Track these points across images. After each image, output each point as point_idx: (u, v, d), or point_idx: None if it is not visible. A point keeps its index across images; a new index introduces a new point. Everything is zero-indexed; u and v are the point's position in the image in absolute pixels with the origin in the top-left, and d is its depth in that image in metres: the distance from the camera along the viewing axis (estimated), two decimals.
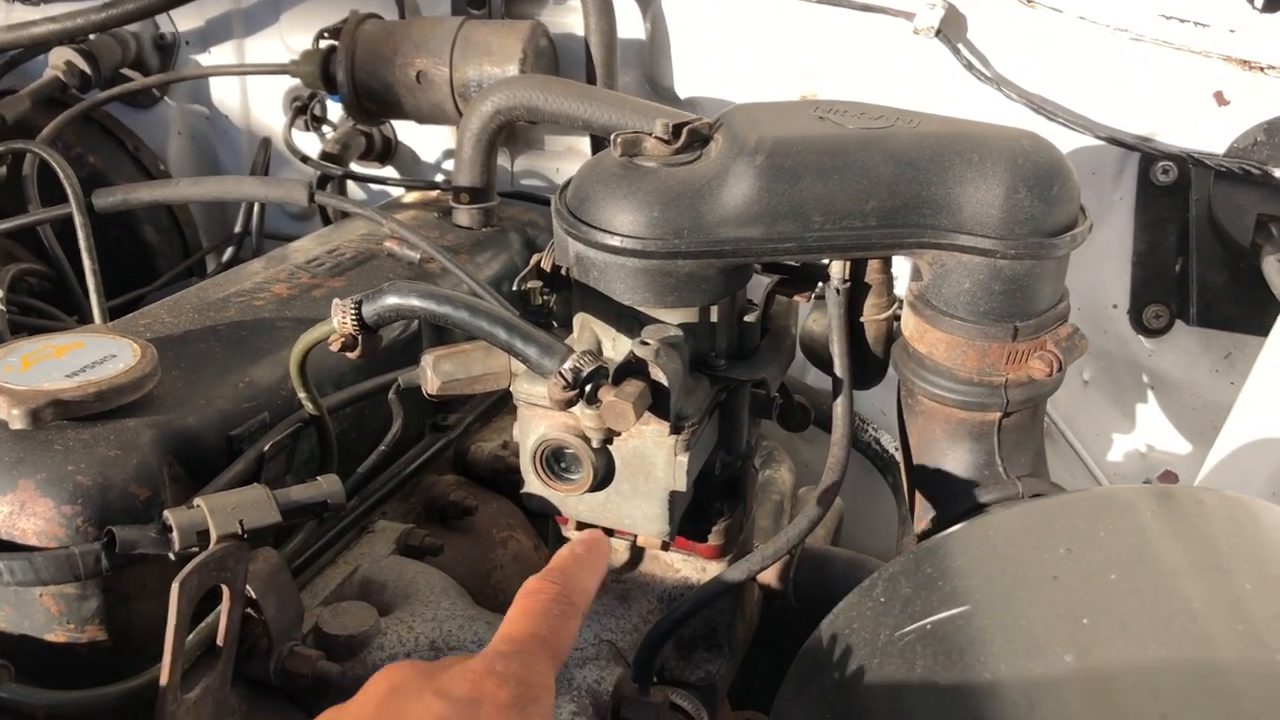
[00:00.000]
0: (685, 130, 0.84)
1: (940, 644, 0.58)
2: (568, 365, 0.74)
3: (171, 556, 0.73)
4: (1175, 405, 1.30)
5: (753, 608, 1.02)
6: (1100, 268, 1.26)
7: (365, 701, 0.58)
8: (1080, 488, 0.89)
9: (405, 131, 1.59)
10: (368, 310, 0.77)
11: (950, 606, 0.59)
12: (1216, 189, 1.14)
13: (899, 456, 1.35)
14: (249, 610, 0.80)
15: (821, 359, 0.99)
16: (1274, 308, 1.07)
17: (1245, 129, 1.14)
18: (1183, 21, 1.14)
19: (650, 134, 0.84)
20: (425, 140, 1.59)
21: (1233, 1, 1.11)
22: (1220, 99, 1.17)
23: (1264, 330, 1.18)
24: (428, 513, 1.07)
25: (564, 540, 0.91)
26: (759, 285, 0.93)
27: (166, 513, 0.73)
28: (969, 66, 1.23)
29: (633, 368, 0.77)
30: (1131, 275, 1.26)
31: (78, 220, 1.08)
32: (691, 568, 0.94)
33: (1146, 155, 1.21)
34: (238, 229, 1.51)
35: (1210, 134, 1.18)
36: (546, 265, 0.89)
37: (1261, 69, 1.13)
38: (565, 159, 1.51)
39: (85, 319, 1.19)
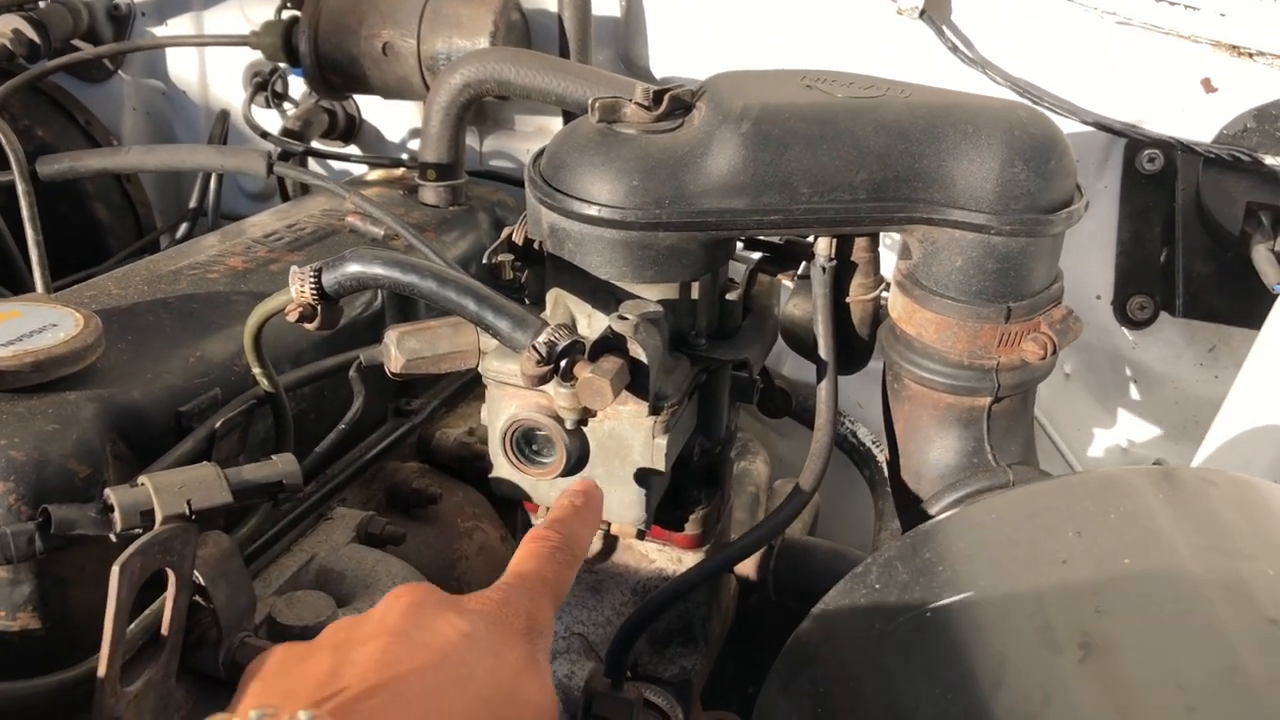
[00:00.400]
0: (667, 96, 0.80)
1: (941, 633, 0.54)
2: (541, 339, 0.69)
3: (113, 538, 0.68)
4: (1158, 399, 1.27)
5: (729, 600, 0.98)
6: (1084, 258, 1.24)
7: (387, 612, 0.57)
8: None
9: (370, 110, 1.54)
10: (328, 279, 0.72)
11: (951, 593, 0.56)
12: (1205, 176, 1.12)
13: (876, 450, 1.32)
14: (197, 598, 0.75)
15: (803, 343, 0.96)
16: (1262, 298, 1.05)
17: (1234, 115, 1.12)
18: (1173, 4, 1.11)
19: (630, 100, 0.80)
20: (390, 119, 1.53)
21: None
22: (1208, 85, 1.15)
23: (1251, 322, 1.16)
24: (389, 500, 1.02)
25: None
26: (738, 267, 0.90)
27: (108, 491, 0.68)
28: (953, 48, 1.20)
29: (610, 343, 0.73)
30: (1115, 265, 1.23)
31: (20, 188, 1.02)
32: (667, 558, 0.90)
33: (1132, 142, 1.18)
34: (192, 205, 1.45)
35: (1198, 121, 1.15)
36: (519, 238, 0.85)
37: (1251, 55, 1.11)
38: (536, 139, 1.46)
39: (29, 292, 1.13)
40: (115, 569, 0.63)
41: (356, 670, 0.52)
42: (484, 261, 0.84)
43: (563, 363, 0.70)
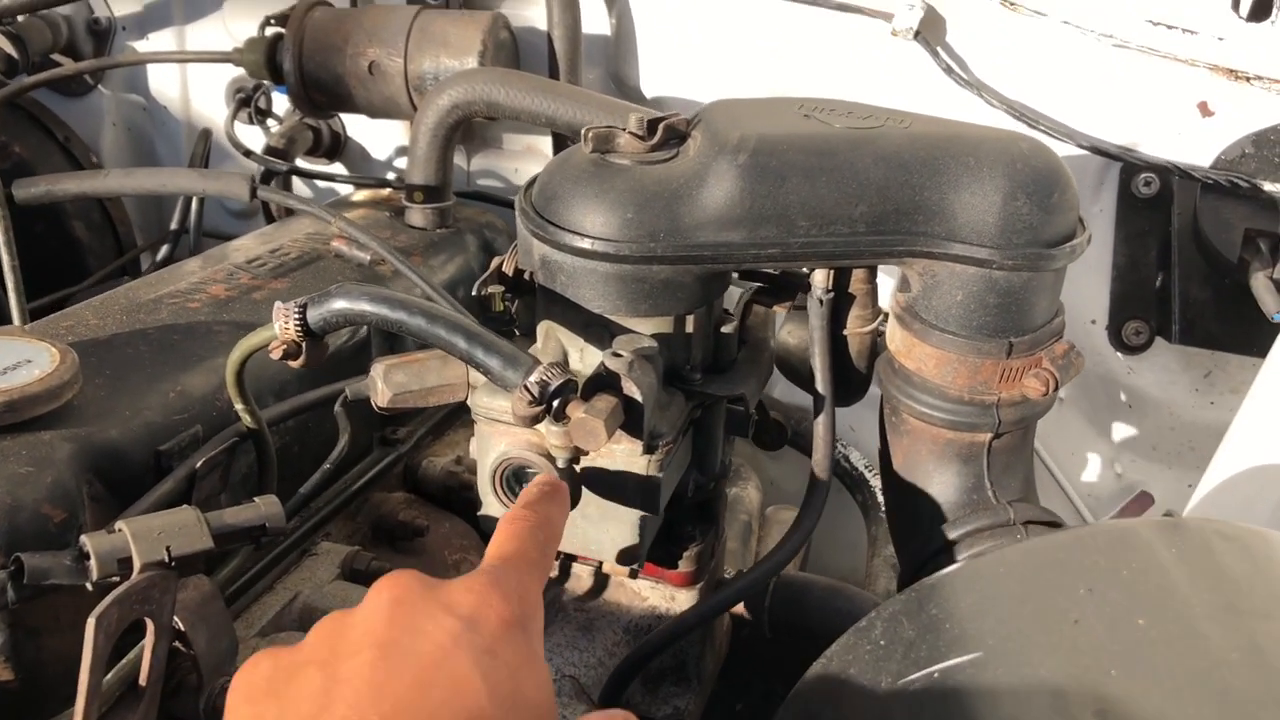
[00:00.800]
0: (661, 126, 0.78)
1: (949, 695, 0.52)
2: (534, 378, 0.67)
3: (89, 587, 0.65)
4: (1153, 424, 1.26)
5: (722, 638, 0.96)
6: (1078, 282, 1.22)
7: (371, 612, 0.53)
8: (1054, 509, 0.85)
9: (355, 127, 1.51)
10: (313, 315, 0.70)
11: (959, 653, 0.54)
12: (1203, 202, 1.11)
13: (869, 475, 1.31)
14: (176, 643, 0.73)
15: (797, 372, 0.94)
16: (1260, 324, 1.04)
17: (1232, 140, 1.11)
18: (1170, 28, 1.10)
19: (623, 129, 0.78)
20: (376, 136, 1.51)
21: (1221, 8, 1.07)
22: (1205, 109, 1.13)
23: (1248, 348, 1.15)
24: (375, 533, 1.00)
25: None
26: (733, 295, 0.88)
27: (84, 538, 0.65)
28: (948, 70, 1.18)
29: (604, 381, 0.71)
30: (1110, 290, 1.22)
31: None
32: (660, 596, 0.88)
33: (1128, 166, 1.17)
34: (174, 226, 1.42)
35: (1194, 145, 1.14)
36: (509, 269, 0.83)
37: (1249, 79, 1.10)
38: (525, 159, 1.44)
39: (4, 320, 1.11)
40: (91, 621, 0.61)
41: (348, 692, 0.49)
42: (474, 293, 0.81)
43: (555, 403, 0.68)
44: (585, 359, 0.78)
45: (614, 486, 0.76)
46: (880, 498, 1.29)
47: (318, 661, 0.52)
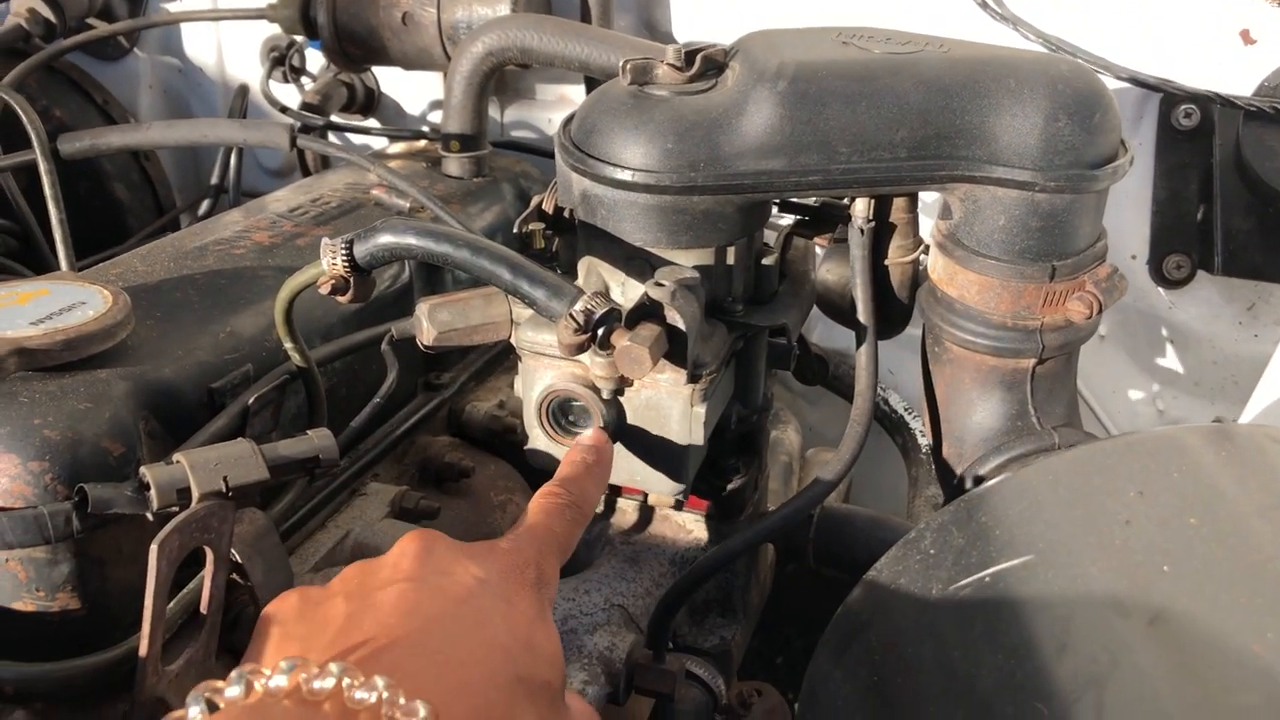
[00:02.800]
0: (699, 57, 0.78)
1: (1001, 598, 0.53)
2: (579, 307, 0.68)
3: (149, 517, 0.67)
4: (1195, 359, 1.25)
5: (767, 570, 0.97)
6: (1118, 217, 1.21)
7: (400, 557, 0.57)
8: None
9: (388, 82, 1.52)
10: (360, 250, 0.71)
11: (1010, 557, 0.54)
12: (1245, 130, 1.09)
13: (909, 418, 1.31)
14: (234, 575, 0.74)
15: (837, 308, 0.94)
16: None
17: (1275, 68, 1.09)
18: None
19: (662, 61, 0.78)
20: (409, 91, 1.52)
21: None
22: (1246, 37, 1.12)
23: None
24: (422, 475, 1.01)
25: None
26: (771, 231, 0.88)
27: (143, 469, 0.67)
28: (983, 4, 1.17)
29: (647, 310, 0.71)
30: (1151, 224, 1.21)
31: (42, 167, 1.01)
32: (704, 528, 0.89)
33: (1168, 97, 1.15)
34: (214, 181, 1.43)
35: (1236, 74, 1.12)
36: (549, 206, 0.83)
37: None
38: (558, 108, 1.44)
39: None
40: (154, 547, 0.62)
41: (378, 617, 0.52)
42: (514, 231, 0.82)
43: (600, 331, 0.68)
44: (627, 292, 0.79)
45: (658, 416, 0.77)
46: (920, 440, 1.29)
47: (345, 595, 0.55)
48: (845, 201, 0.85)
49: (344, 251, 0.71)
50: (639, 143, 0.74)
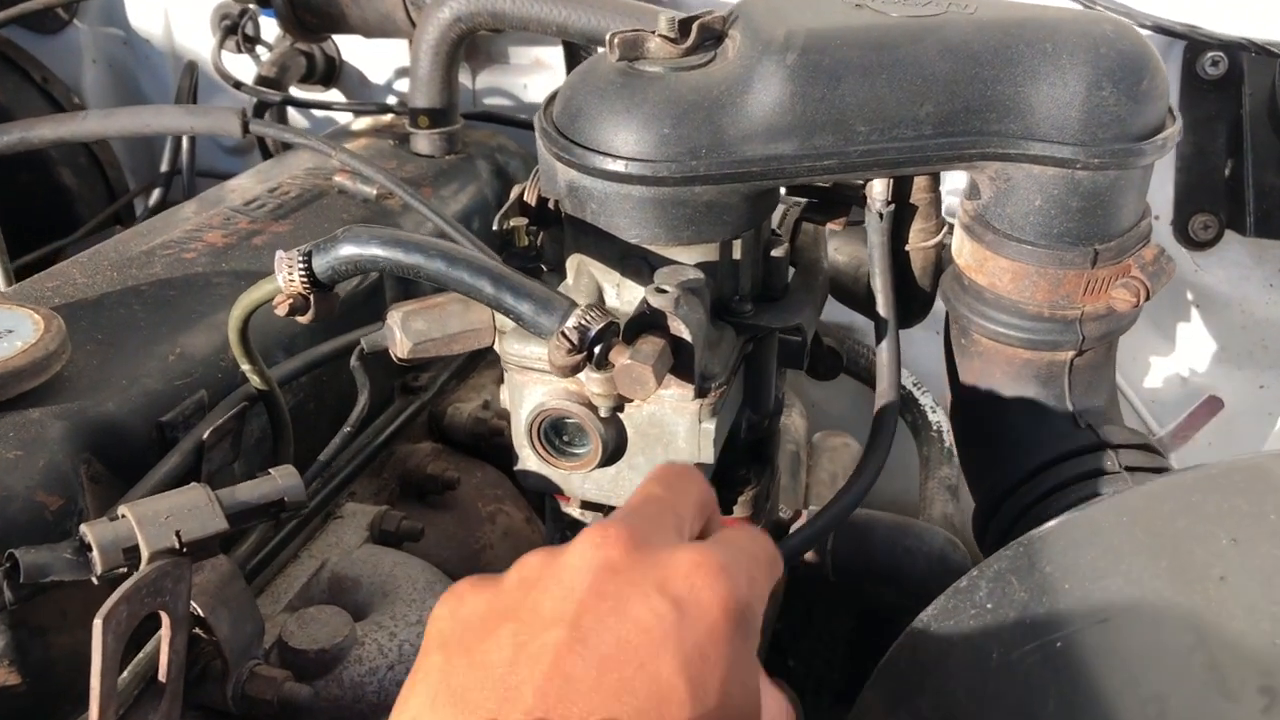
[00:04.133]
0: (695, 26, 0.69)
1: (1077, 668, 0.46)
2: (571, 323, 0.60)
3: (94, 580, 0.59)
4: (1222, 324, 1.18)
5: (780, 583, 0.90)
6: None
7: (576, 575, 0.46)
8: (1126, 422, 0.77)
9: (350, 50, 1.41)
10: (319, 264, 0.62)
11: (1085, 618, 0.47)
12: None
13: (918, 394, 1.23)
14: (198, 630, 0.67)
15: (849, 293, 0.86)
16: None
17: None
18: None
19: (653, 32, 0.69)
20: (374, 59, 1.41)
21: None
22: None
23: None
24: (403, 489, 0.93)
25: (563, 517, 0.78)
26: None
27: (84, 527, 0.59)
28: None
29: (648, 321, 0.63)
30: (1175, 182, 1.13)
31: None
32: None
33: (1193, 44, 1.07)
34: (164, 168, 1.33)
35: (1266, 19, 1.04)
36: (531, 198, 0.75)
37: None
38: (534, 73, 1.34)
39: None
40: (97, 623, 0.55)
41: (535, 678, 0.42)
42: (494, 228, 0.74)
43: (597, 349, 0.60)
44: (623, 295, 0.70)
45: (663, 434, 0.69)
46: (930, 417, 1.22)
47: (514, 619, 0.45)
48: (860, 181, 0.76)
49: (301, 266, 0.62)
50: (632, 128, 0.66)
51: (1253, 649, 0.43)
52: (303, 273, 0.62)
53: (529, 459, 0.72)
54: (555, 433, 0.71)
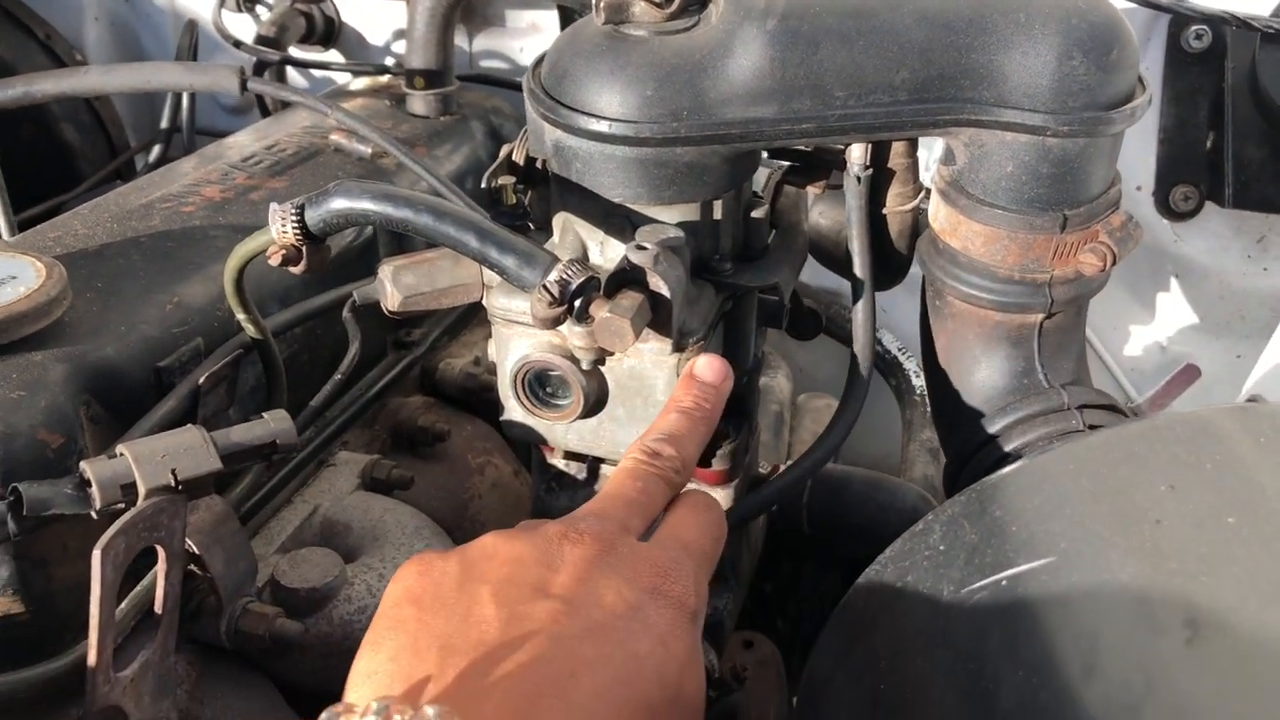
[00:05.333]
0: None
1: (1019, 604, 0.49)
2: (553, 277, 0.62)
3: (94, 515, 0.62)
4: (1201, 294, 1.20)
5: (758, 536, 0.93)
6: (1123, 147, 1.15)
7: (565, 563, 0.51)
8: (1096, 384, 0.80)
9: (349, 10, 1.43)
10: (311, 216, 0.64)
11: (1029, 558, 0.50)
12: (1262, 54, 1.03)
13: (903, 358, 1.26)
14: (192, 567, 0.70)
15: (830, 256, 0.88)
16: None
17: None
18: None
19: None
20: (372, 19, 1.43)
21: None
22: None
23: None
24: (394, 440, 0.96)
25: (549, 468, 0.81)
26: (760, 177, 0.82)
27: (83, 464, 0.61)
28: None
29: (628, 276, 0.65)
30: (1157, 154, 1.15)
31: None
32: None
33: (1178, 18, 1.09)
34: (164, 124, 1.35)
35: None
36: (519, 157, 0.77)
37: None
38: (529, 36, 1.36)
39: None
40: (96, 553, 0.58)
41: (528, 647, 0.46)
42: (483, 185, 0.76)
43: (577, 302, 0.63)
44: (606, 252, 0.73)
45: (642, 387, 0.71)
46: (914, 382, 1.25)
47: (496, 592, 0.49)
48: (840, 146, 0.78)
49: (294, 218, 0.65)
50: (615, 89, 0.68)
51: (1181, 587, 0.46)
52: (295, 224, 0.65)
53: (514, 410, 0.75)
54: (539, 384, 0.73)
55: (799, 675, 0.65)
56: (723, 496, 0.83)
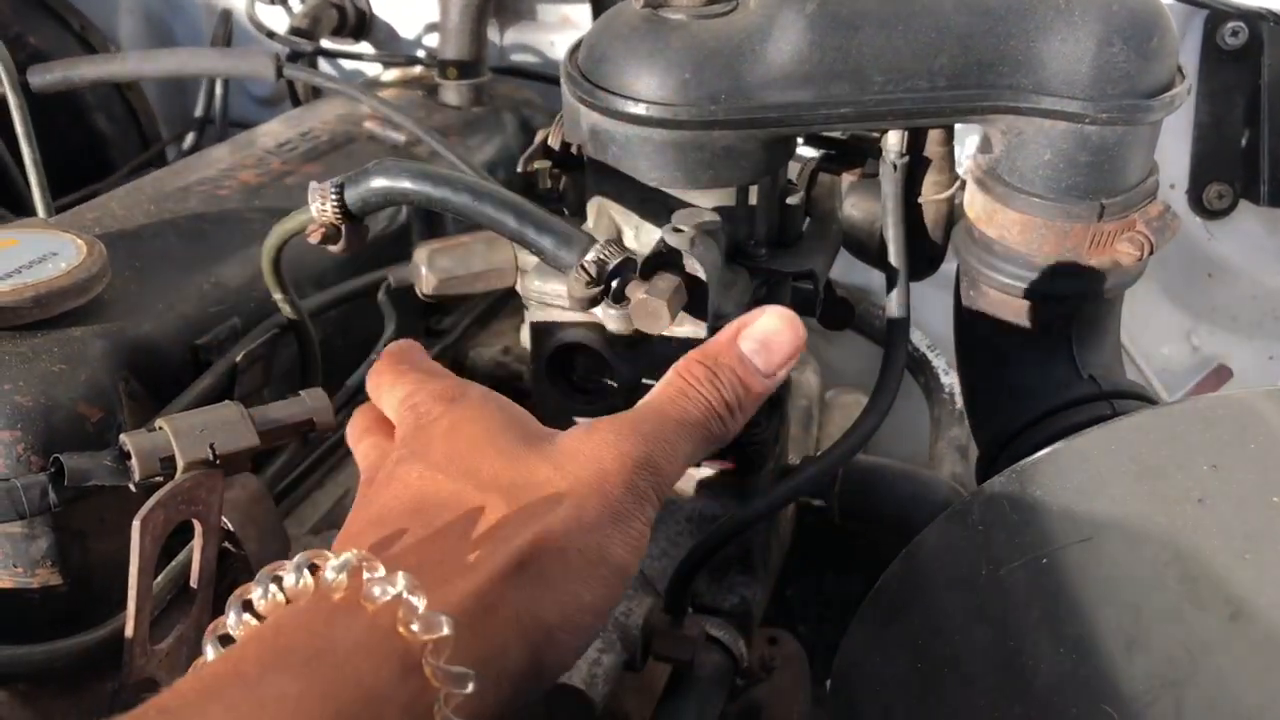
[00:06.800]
0: None
1: (1061, 583, 0.48)
2: (590, 257, 0.62)
3: (132, 487, 0.62)
4: (1234, 293, 1.19)
5: (787, 526, 0.93)
6: (1157, 143, 1.14)
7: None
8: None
9: (381, 3, 1.43)
10: (351, 195, 0.65)
11: (1070, 536, 0.49)
12: None
13: (931, 356, 1.25)
14: (226, 544, 0.70)
15: (863, 247, 0.88)
16: None
17: None
18: None
19: None
20: (404, 12, 1.43)
21: None
22: None
23: None
24: None
25: None
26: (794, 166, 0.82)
27: (123, 437, 0.62)
28: None
29: (664, 259, 0.66)
30: (1191, 151, 1.14)
31: (12, 101, 0.94)
32: (724, 485, 0.84)
33: (1214, 15, 1.08)
34: (198, 113, 1.36)
35: None
36: (555, 142, 0.77)
37: None
38: (561, 30, 1.36)
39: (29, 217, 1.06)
40: (136, 524, 0.58)
41: (542, 522, 0.49)
42: (519, 169, 0.76)
43: (614, 283, 0.63)
44: (641, 237, 0.73)
45: None
46: (943, 380, 1.24)
47: (507, 474, 0.52)
48: (875, 134, 0.78)
49: (334, 196, 0.65)
50: (653, 73, 0.68)
51: (1224, 564, 0.45)
52: (335, 203, 0.65)
53: (546, 395, 0.75)
54: (572, 369, 0.73)
55: (822, 679, 0.65)
56: (751, 485, 0.84)
